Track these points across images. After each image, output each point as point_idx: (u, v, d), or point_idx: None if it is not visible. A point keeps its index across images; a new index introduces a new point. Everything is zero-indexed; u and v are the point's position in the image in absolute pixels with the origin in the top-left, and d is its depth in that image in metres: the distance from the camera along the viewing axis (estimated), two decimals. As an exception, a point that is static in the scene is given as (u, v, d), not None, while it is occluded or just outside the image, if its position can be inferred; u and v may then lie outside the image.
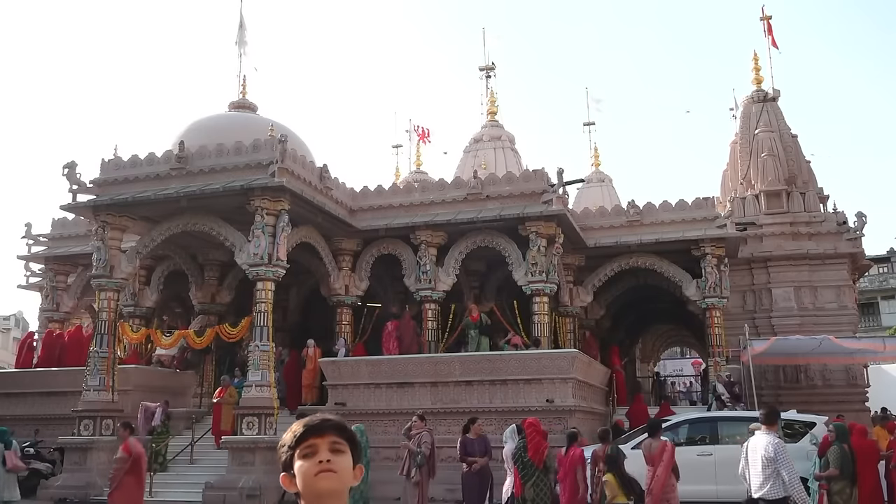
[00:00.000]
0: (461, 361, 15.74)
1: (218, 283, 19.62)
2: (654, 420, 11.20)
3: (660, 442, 9.64)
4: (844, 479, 9.41)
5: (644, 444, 9.86)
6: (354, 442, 1.94)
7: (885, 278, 44.58)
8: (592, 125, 31.43)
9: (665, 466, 9.29)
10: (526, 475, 9.55)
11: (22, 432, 17.17)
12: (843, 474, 9.44)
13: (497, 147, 26.14)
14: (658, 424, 10.27)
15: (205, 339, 17.66)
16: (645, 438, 10.15)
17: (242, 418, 14.57)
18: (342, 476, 1.85)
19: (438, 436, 14.95)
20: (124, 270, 16.44)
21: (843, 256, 21.43)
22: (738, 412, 14.78)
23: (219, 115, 22.17)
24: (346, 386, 16.19)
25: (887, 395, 20.52)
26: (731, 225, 18.88)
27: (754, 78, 24.09)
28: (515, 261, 16.88)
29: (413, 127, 31.08)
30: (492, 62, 28.22)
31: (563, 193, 17.12)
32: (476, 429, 11.39)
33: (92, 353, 16.16)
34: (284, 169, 15.05)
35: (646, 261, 19.23)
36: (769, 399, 19.65)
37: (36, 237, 21.76)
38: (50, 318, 21.24)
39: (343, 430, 1.91)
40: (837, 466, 9.44)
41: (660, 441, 9.68)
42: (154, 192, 15.67)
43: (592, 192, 28.11)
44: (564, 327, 19.03)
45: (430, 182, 20.46)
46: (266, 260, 14.86)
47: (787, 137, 23.23)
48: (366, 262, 18.25)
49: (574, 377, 15.09)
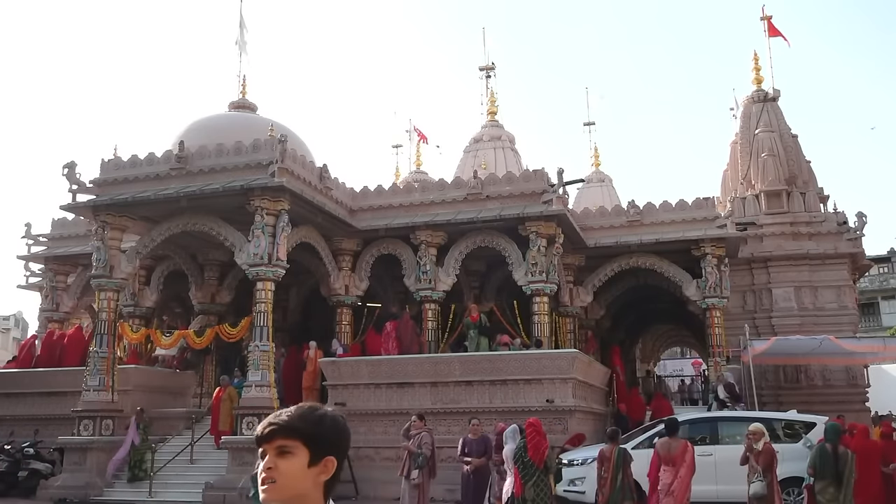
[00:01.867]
0: (461, 361, 15.73)
1: (218, 283, 19.61)
2: (671, 419, 11.07)
3: (680, 442, 9.54)
4: (825, 478, 9.35)
5: (661, 444, 9.76)
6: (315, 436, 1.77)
7: (885, 278, 44.57)
8: (592, 125, 31.54)
9: (688, 468, 9.24)
10: (526, 475, 9.53)
11: (22, 432, 17.19)
12: (819, 474, 9.40)
13: (497, 147, 26.13)
14: (677, 423, 10.19)
15: (205, 339, 17.65)
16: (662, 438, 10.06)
17: (242, 418, 14.56)
18: (284, 483, 1.72)
19: (438, 436, 14.92)
20: (124, 270, 16.43)
21: (844, 256, 21.41)
22: (738, 412, 14.77)
23: (219, 115, 22.16)
24: (346, 386, 16.19)
25: (887, 396, 20.51)
26: (731, 225, 18.86)
27: (754, 78, 24.08)
28: (515, 261, 16.87)
29: (413, 127, 31.11)
30: (492, 62, 28.26)
31: (563, 193, 17.10)
32: (474, 428, 11.38)
33: (92, 353, 16.15)
34: (284, 169, 15.04)
35: (646, 261, 19.22)
36: (769, 399, 19.68)
37: (36, 237, 21.74)
38: (50, 319, 21.22)
39: (293, 429, 1.75)
40: (811, 465, 9.43)
41: (680, 441, 9.58)
42: (154, 192, 15.66)
43: (592, 192, 28.12)
44: (564, 327, 19.01)
45: (430, 182, 20.44)
46: (266, 260, 14.86)
47: (788, 137, 23.22)
48: (366, 262, 18.24)
49: (574, 377, 15.08)
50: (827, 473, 9.33)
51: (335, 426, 1.83)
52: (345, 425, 1.86)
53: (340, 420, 1.86)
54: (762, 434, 9.66)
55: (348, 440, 1.86)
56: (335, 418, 1.84)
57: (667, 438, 9.70)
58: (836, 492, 9.34)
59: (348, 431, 1.87)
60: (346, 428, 1.86)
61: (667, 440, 9.66)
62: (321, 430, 1.79)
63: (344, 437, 1.84)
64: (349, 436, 1.87)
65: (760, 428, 9.76)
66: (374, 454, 15.53)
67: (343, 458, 1.83)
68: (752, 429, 9.78)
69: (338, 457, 1.80)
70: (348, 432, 1.87)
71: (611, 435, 10.08)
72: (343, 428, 1.85)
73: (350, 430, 1.89)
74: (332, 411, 1.88)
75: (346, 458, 1.90)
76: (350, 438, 1.88)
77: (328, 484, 1.78)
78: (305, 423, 1.78)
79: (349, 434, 1.87)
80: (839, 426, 10.14)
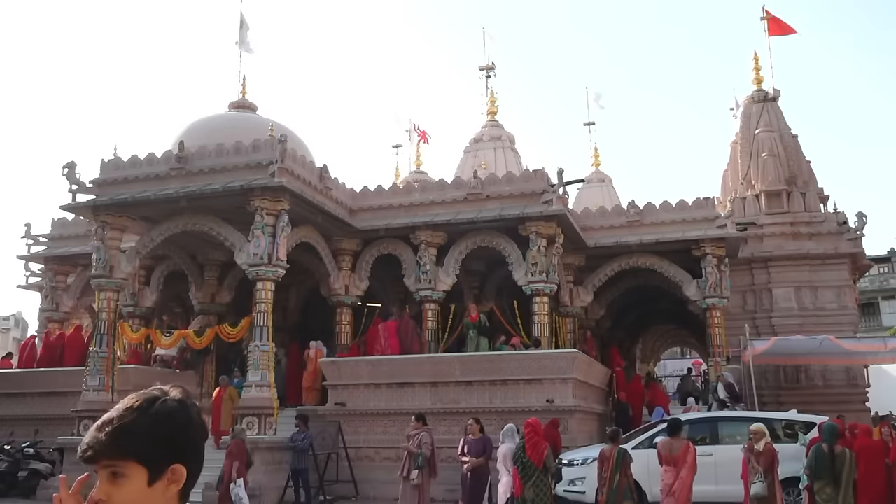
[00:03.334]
0: (461, 361, 15.73)
1: (218, 283, 19.59)
2: (674, 419, 11.07)
3: (682, 443, 9.51)
4: (822, 478, 9.35)
5: (663, 444, 9.73)
6: (147, 450, 1.45)
7: (885, 278, 44.58)
8: (592, 125, 31.46)
9: (690, 469, 9.23)
10: (525, 475, 9.54)
11: (22, 432, 17.18)
12: (816, 474, 9.40)
13: (497, 147, 26.11)
14: (679, 424, 10.18)
15: (205, 339, 17.64)
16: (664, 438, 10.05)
17: (242, 418, 14.56)
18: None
19: (438, 436, 14.94)
20: (124, 270, 16.42)
21: (844, 256, 21.40)
22: (738, 412, 14.77)
23: (219, 115, 22.14)
24: (346, 386, 16.18)
25: (887, 396, 20.51)
26: (731, 225, 18.86)
27: (754, 78, 24.07)
28: (515, 261, 16.86)
29: (413, 127, 31.08)
30: (492, 62, 28.19)
31: (563, 193, 17.09)
32: (472, 428, 11.39)
33: (92, 353, 16.15)
34: (284, 169, 15.03)
35: (646, 261, 19.21)
36: (769, 399, 19.67)
37: (36, 237, 21.73)
38: (50, 319, 21.21)
39: (117, 449, 1.44)
40: (808, 466, 9.43)
41: (682, 442, 9.55)
42: (154, 192, 15.65)
43: (592, 192, 28.10)
44: (564, 327, 19.00)
45: (430, 182, 20.43)
46: (266, 260, 14.85)
47: (788, 137, 23.21)
48: (366, 262, 18.23)
49: (574, 377, 15.08)
50: (824, 474, 9.34)
51: (170, 424, 1.49)
52: (185, 414, 1.51)
53: (177, 410, 1.51)
54: (763, 434, 9.66)
55: (194, 431, 1.53)
56: (169, 413, 1.49)
57: (668, 439, 9.67)
58: (833, 492, 9.34)
59: (191, 419, 1.53)
60: (186, 418, 1.51)
61: (668, 440, 9.63)
62: (152, 440, 1.46)
63: (186, 431, 1.51)
64: (194, 424, 1.53)
65: (762, 428, 9.76)
66: (374, 454, 15.53)
67: (195, 453, 1.53)
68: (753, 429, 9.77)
69: (185, 458, 1.50)
70: (191, 421, 1.52)
71: (611, 435, 10.06)
72: (182, 421, 1.50)
73: (194, 417, 1.54)
74: (165, 401, 1.52)
75: (199, 451, 1.56)
76: (196, 426, 1.54)
77: (183, 490, 1.51)
78: (131, 436, 1.44)
79: (194, 422, 1.53)
80: (835, 426, 10.14)
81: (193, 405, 1.57)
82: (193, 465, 1.52)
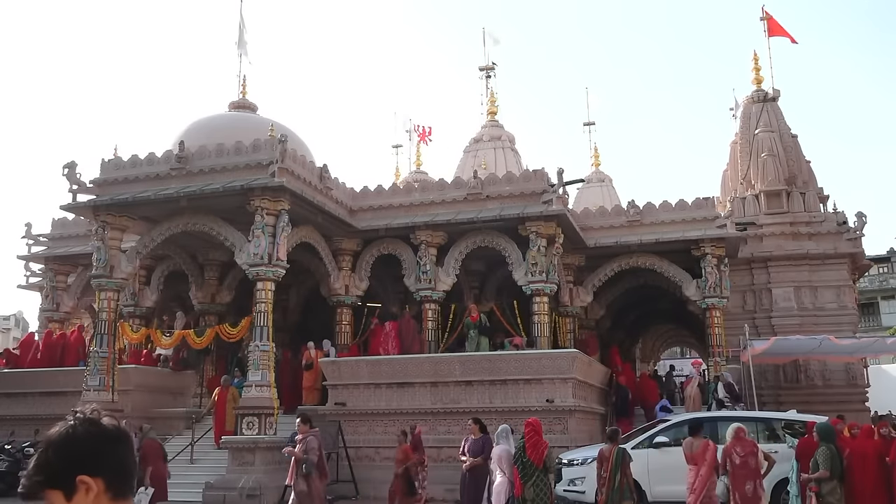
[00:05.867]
0: (461, 361, 15.74)
1: (218, 283, 19.62)
2: (694, 419, 11.31)
3: (702, 441, 9.76)
4: (834, 478, 9.38)
5: (685, 443, 9.98)
6: (53, 476, 1.62)
7: (885, 278, 44.61)
8: (592, 125, 31.55)
9: (709, 466, 9.40)
10: (525, 475, 9.55)
11: (22, 432, 17.17)
12: (833, 475, 9.41)
13: (497, 147, 26.13)
14: (699, 423, 10.45)
15: (205, 339, 17.66)
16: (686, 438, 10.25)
17: (242, 418, 14.58)
18: None
19: (438, 436, 14.99)
20: (124, 270, 16.43)
21: (843, 256, 21.42)
22: (738, 412, 14.77)
23: (219, 115, 22.16)
24: (346, 386, 16.20)
25: (887, 396, 20.53)
26: (731, 225, 18.87)
27: (754, 78, 24.08)
28: (515, 261, 16.87)
29: (413, 127, 31.08)
30: (492, 62, 28.22)
31: (563, 193, 17.10)
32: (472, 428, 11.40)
33: (92, 353, 16.16)
34: (284, 169, 15.05)
35: (646, 261, 19.22)
36: (769, 399, 19.69)
37: (36, 237, 21.74)
38: (50, 319, 21.21)
39: (37, 484, 1.62)
40: (827, 468, 9.33)
41: (702, 440, 9.80)
42: (154, 192, 15.66)
43: (592, 192, 28.12)
44: (564, 327, 19.02)
45: (430, 182, 20.43)
46: (266, 260, 14.86)
47: (787, 137, 23.22)
48: (366, 262, 18.24)
49: (574, 377, 15.09)
50: (836, 474, 9.38)
51: (66, 446, 1.64)
52: (82, 431, 1.66)
53: (73, 431, 1.65)
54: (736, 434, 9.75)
55: (95, 443, 1.66)
56: (64, 436, 1.65)
57: (690, 438, 9.96)
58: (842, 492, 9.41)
59: (87, 433, 1.66)
60: (82, 434, 1.65)
61: (690, 440, 9.95)
62: (52, 466, 1.62)
63: (82, 445, 1.64)
64: (94, 438, 1.66)
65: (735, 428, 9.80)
66: (374, 454, 15.54)
67: (106, 459, 1.66)
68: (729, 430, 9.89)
69: (93, 467, 1.63)
70: (90, 435, 1.66)
71: (610, 435, 10.09)
72: (77, 436, 1.64)
73: (93, 431, 1.67)
74: (63, 428, 1.67)
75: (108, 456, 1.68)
76: (95, 438, 1.66)
77: (116, 491, 1.65)
78: (40, 469, 1.62)
79: (93, 434, 1.66)
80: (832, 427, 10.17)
81: (95, 420, 1.71)
82: (108, 471, 1.65)
